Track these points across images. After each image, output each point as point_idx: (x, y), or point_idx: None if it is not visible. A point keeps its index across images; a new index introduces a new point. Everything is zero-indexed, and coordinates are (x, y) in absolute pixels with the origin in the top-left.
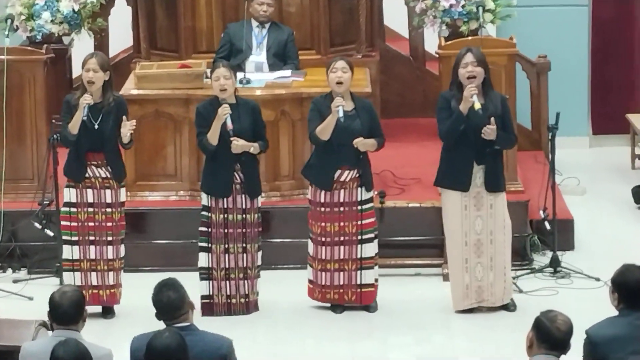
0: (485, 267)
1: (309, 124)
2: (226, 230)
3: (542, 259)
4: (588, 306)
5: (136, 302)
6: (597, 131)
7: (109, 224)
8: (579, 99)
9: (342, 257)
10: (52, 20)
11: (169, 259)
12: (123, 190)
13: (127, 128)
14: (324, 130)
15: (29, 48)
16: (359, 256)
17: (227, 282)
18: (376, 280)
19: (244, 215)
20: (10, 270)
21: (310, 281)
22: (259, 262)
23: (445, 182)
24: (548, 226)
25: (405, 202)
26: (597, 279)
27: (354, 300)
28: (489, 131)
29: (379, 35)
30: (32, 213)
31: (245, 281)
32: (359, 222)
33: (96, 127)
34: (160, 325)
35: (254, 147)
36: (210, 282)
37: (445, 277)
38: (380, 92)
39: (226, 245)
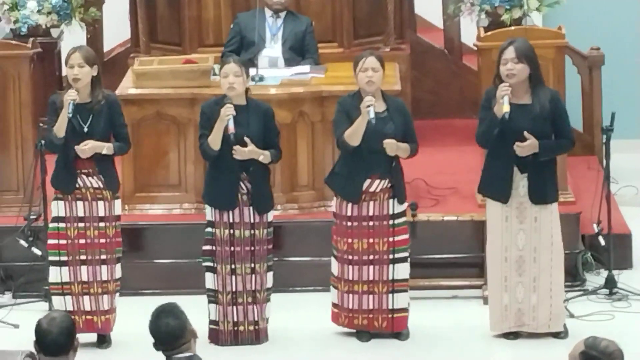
0: (527, 288)
1: (335, 128)
2: (232, 249)
3: (596, 279)
4: None
5: (134, 330)
6: None
7: (102, 240)
8: (638, 96)
9: (371, 278)
10: (39, 10)
11: (172, 281)
12: (118, 202)
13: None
14: (354, 135)
15: (13, 42)
16: (390, 278)
17: (234, 307)
18: (408, 304)
19: (252, 231)
20: None
21: (334, 305)
22: (270, 284)
23: (485, 191)
24: (603, 242)
25: (440, 215)
26: None
27: (384, 327)
28: (519, 150)
29: (409, 26)
30: (17, 229)
31: (254, 306)
32: (391, 239)
33: (85, 130)
34: (161, 355)
35: (264, 156)
36: (216, 306)
37: (486, 300)
38: (412, 89)
39: (233, 266)
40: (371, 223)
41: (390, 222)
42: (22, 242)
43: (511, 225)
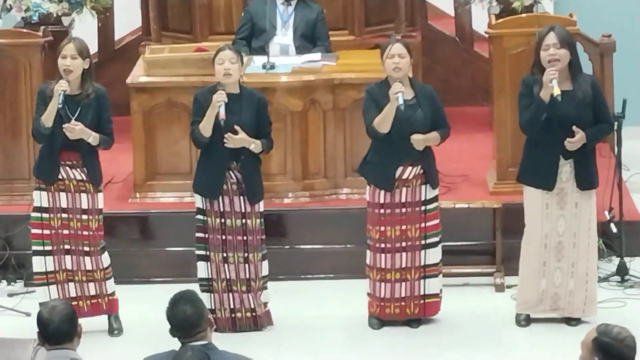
0: (565, 273)
1: (364, 116)
2: (224, 237)
3: (607, 266)
4: None
5: (146, 318)
6: None
7: (85, 232)
8: None
9: (404, 265)
10: None
11: (184, 269)
12: (101, 195)
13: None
14: (384, 121)
15: (24, 30)
16: (422, 263)
17: (230, 294)
18: (441, 290)
19: (243, 221)
20: (4, 283)
21: (368, 294)
22: (265, 273)
23: (528, 179)
24: (614, 229)
25: (452, 202)
26: None
27: (417, 313)
28: (570, 145)
29: (420, 13)
30: (28, 217)
31: (249, 294)
32: (423, 225)
33: (73, 121)
34: (174, 343)
35: (255, 144)
36: (212, 294)
37: (498, 288)
38: (423, 77)
39: (225, 254)
40: (404, 210)
41: (422, 208)
42: None
43: (552, 212)
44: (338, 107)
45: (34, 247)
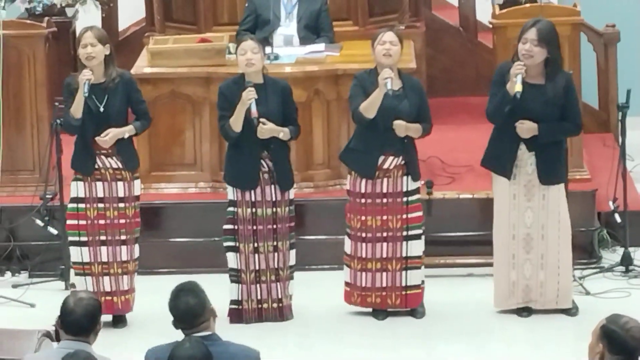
0: (534, 265)
1: (351, 101)
2: (255, 227)
3: (612, 256)
4: None
5: (150, 309)
6: None
7: (122, 221)
8: None
9: (385, 255)
10: None
11: (189, 260)
12: (137, 182)
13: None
14: (370, 107)
15: (28, 21)
16: (404, 255)
17: (258, 285)
18: (422, 282)
19: (274, 209)
20: (9, 274)
21: (347, 283)
22: (293, 262)
23: (489, 164)
24: (619, 219)
25: (456, 192)
26: None
27: (398, 304)
28: (519, 129)
29: (424, 4)
30: (33, 209)
31: (277, 284)
32: (404, 216)
33: (101, 109)
34: (178, 334)
35: (283, 133)
36: (240, 285)
37: None
38: (427, 67)
39: (255, 244)
40: (385, 200)
41: (404, 199)
42: (38, 221)
43: (519, 203)
44: (342, 98)
45: (70, 238)
